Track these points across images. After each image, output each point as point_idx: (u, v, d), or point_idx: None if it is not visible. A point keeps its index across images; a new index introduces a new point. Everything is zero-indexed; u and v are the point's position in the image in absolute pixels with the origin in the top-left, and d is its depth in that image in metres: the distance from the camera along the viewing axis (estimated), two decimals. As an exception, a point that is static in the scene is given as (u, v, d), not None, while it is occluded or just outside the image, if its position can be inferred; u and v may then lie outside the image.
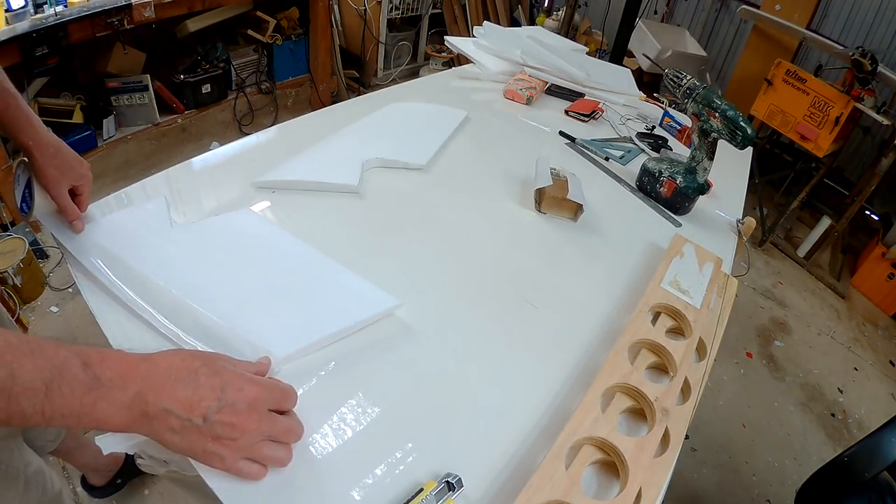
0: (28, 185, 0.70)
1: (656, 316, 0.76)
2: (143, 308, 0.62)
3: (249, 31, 2.70)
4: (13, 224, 1.84)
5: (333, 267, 0.72)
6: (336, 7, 3.13)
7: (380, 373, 0.64)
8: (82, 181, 0.71)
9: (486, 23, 1.73)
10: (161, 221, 0.75)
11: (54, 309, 1.69)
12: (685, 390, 0.66)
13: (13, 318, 1.52)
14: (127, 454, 1.28)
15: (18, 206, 0.70)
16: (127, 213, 0.76)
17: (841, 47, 2.48)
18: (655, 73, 3.19)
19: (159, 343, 0.60)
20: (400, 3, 3.33)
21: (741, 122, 0.95)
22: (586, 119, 1.40)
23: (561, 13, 3.41)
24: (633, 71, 1.81)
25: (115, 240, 0.70)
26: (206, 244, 0.73)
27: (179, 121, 2.54)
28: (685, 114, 1.16)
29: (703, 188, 1.05)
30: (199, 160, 0.95)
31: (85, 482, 1.28)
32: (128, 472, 1.28)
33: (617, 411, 0.61)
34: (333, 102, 2.32)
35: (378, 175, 1.00)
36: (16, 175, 0.70)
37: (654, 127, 1.43)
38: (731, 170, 1.31)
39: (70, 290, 1.74)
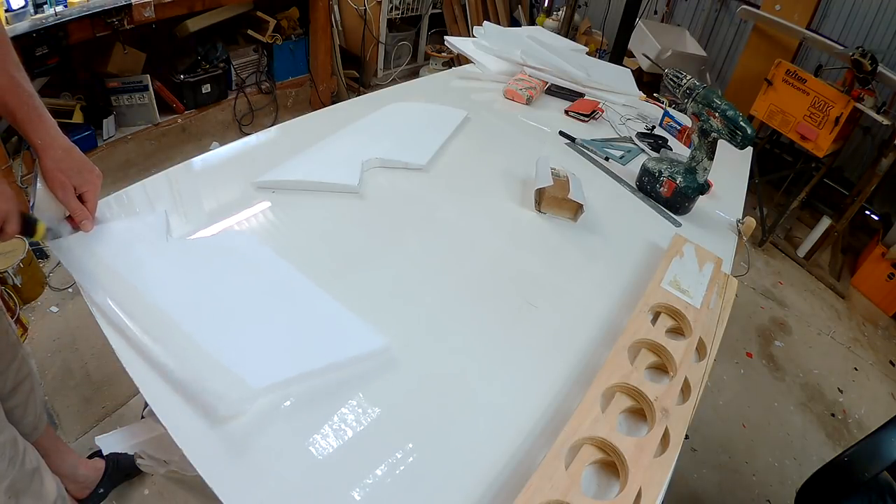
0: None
1: (656, 316, 0.76)
2: (122, 321, 0.61)
3: (249, 31, 2.70)
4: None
5: (325, 301, 0.69)
6: (336, 7, 3.13)
7: (379, 373, 0.64)
8: (88, 187, 0.70)
9: (486, 23, 1.73)
10: (158, 234, 0.74)
11: (54, 309, 1.69)
12: (685, 390, 0.66)
13: (13, 318, 1.51)
14: (108, 462, 1.23)
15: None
16: (126, 222, 0.75)
17: (841, 47, 2.48)
18: (655, 73, 3.19)
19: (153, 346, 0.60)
20: (400, 3, 3.33)
21: (741, 122, 0.95)
22: (586, 119, 1.40)
23: (561, 13, 3.41)
24: (633, 71, 1.81)
25: (111, 249, 0.69)
26: (200, 262, 0.72)
27: (179, 121, 2.53)
28: (685, 114, 1.16)
29: (703, 188, 1.05)
30: (199, 160, 0.95)
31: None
32: (110, 480, 1.22)
33: (617, 411, 0.61)
34: (333, 102, 2.32)
35: (378, 175, 1.00)
36: (34, 185, 0.69)
37: (654, 127, 1.43)
38: (731, 170, 1.31)
39: (70, 290, 1.74)
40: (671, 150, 1.31)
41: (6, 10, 1.60)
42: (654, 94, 1.64)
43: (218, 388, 0.55)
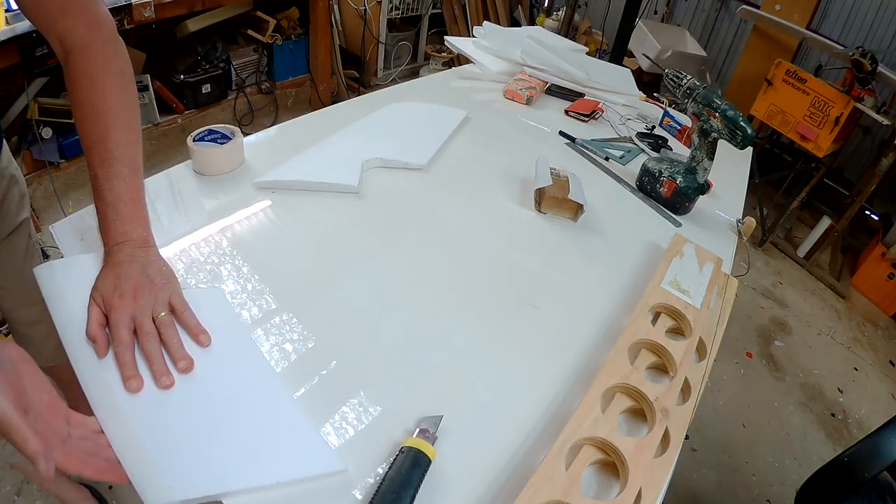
0: None
1: (656, 316, 0.76)
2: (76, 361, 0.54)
3: (249, 31, 2.70)
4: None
5: (285, 403, 0.58)
6: (336, 7, 3.13)
7: (381, 373, 0.64)
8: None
9: (486, 23, 1.73)
10: None
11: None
12: (685, 390, 0.66)
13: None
14: None
15: None
16: (93, 258, 0.64)
17: (841, 47, 2.48)
18: (655, 73, 3.19)
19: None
20: (400, 3, 3.33)
21: (741, 122, 0.95)
22: (586, 119, 1.40)
23: (561, 13, 3.42)
24: (633, 71, 1.81)
25: (76, 286, 0.59)
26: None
27: (179, 121, 2.54)
28: (685, 114, 1.16)
29: (703, 188, 1.05)
30: (199, 160, 0.94)
31: None
32: None
33: (617, 411, 0.61)
34: (333, 102, 2.32)
35: (378, 175, 1.00)
36: None
37: (654, 127, 1.43)
38: (731, 170, 1.31)
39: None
40: (671, 150, 1.31)
41: (6, 10, 1.60)
42: (654, 94, 1.64)
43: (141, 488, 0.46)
